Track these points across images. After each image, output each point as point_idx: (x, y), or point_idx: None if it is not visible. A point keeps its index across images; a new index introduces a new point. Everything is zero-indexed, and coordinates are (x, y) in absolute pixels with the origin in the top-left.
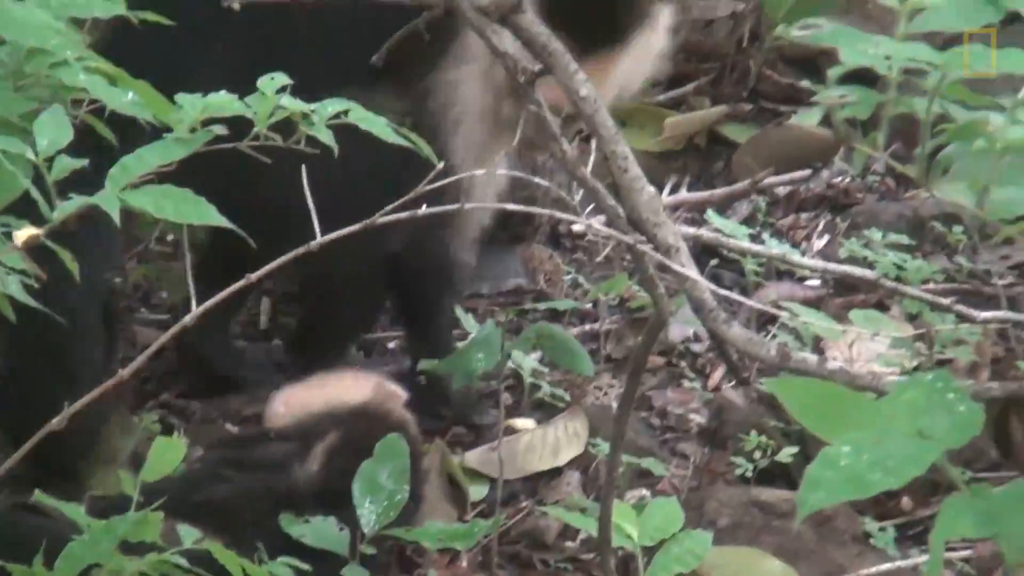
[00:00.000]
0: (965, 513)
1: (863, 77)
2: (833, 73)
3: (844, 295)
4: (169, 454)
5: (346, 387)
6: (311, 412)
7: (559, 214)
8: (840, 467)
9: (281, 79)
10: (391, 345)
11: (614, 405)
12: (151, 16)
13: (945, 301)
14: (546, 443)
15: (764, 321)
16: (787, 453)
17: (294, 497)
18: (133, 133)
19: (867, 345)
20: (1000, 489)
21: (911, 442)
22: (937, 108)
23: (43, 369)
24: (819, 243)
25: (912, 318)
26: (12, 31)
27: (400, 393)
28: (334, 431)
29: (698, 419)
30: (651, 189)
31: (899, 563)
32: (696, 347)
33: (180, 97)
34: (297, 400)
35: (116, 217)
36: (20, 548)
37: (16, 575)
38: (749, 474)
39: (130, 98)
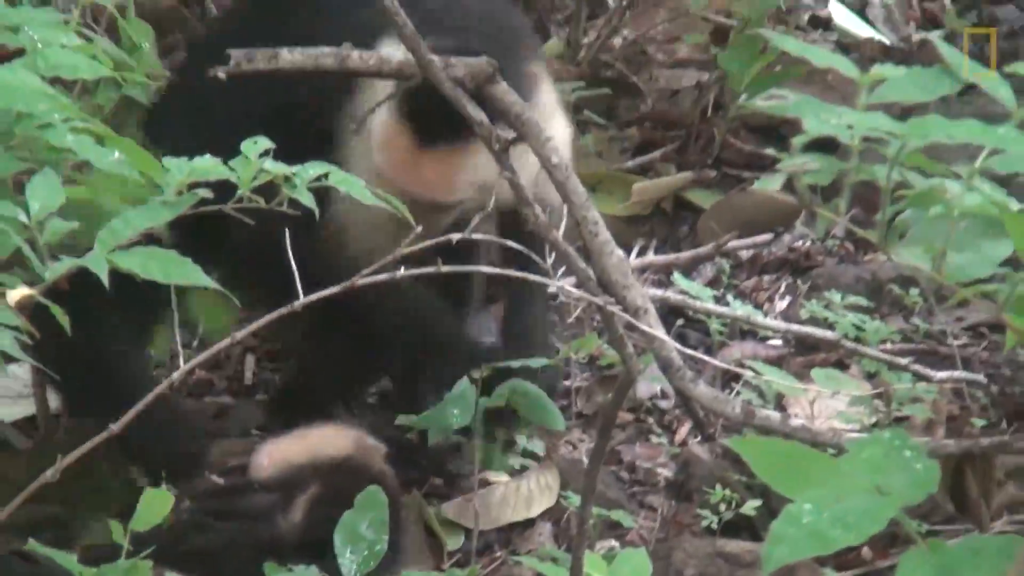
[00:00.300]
0: (923, 567)
1: (825, 145)
2: (797, 141)
3: (805, 354)
4: (157, 505)
5: (327, 440)
6: (294, 464)
7: (532, 277)
8: (803, 524)
9: (264, 143)
10: (370, 400)
11: (584, 459)
12: None
13: (902, 361)
14: (519, 495)
15: (728, 379)
16: (751, 506)
17: (277, 546)
18: None
19: (827, 402)
20: (955, 542)
21: (870, 498)
22: (896, 175)
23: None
24: (781, 304)
25: (871, 377)
26: (1, 96)
27: (379, 446)
28: (316, 483)
29: (665, 473)
30: (620, 253)
31: None
32: (663, 404)
33: (167, 161)
34: (280, 453)
35: (104, 278)
36: None
37: None
38: (714, 526)
39: (116, 157)
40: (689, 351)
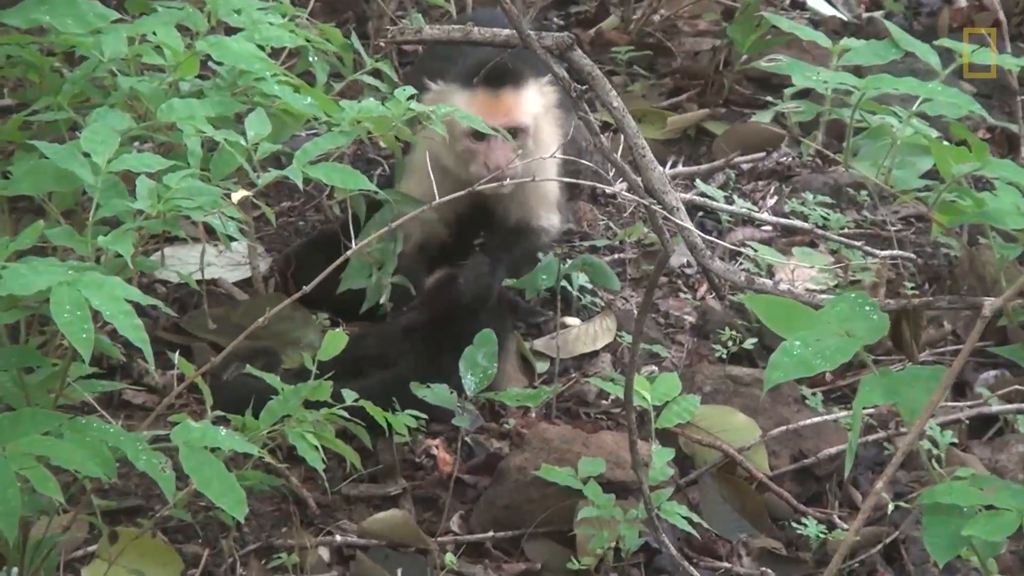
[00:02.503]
0: (876, 388)
1: (805, 91)
2: (788, 92)
3: (788, 237)
4: (336, 341)
5: None
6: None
7: (597, 184)
8: (793, 355)
9: (410, 90)
10: None
11: (634, 309)
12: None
13: (855, 242)
14: (588, 334)
15: (734, 254)
16: (750, 342)
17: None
18: None
19: (803, 271)
20: (897, 368)
21: (841, 339)
22: (857, 116)
23: None
24: (771, 202)
25: (833, 253)
26: (228, 58)
27: None
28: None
29: (690, 319)
30: (660, 168)
31: (825, 417)
32: (688, 271)
33: (343, 103)
34: None
35: (300, 184)
36: (241, 403)
37: (234, 423)
38: (724, 356)
39: (308, 102)
40: (706, 236)
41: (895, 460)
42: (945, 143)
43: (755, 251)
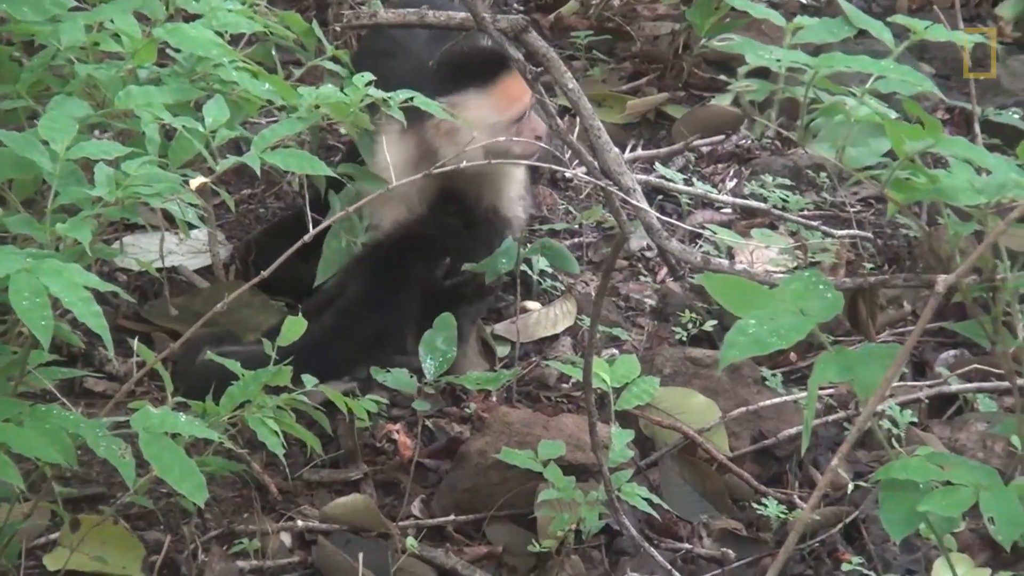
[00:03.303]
0: (831, 365)
1: (761, 73)
2: (741, 70)
3: (747, 219)
4: (295, 327)
5: None
6: None
7: (556, 167)
8: (748, 333)
9: (369, 76)
10: None
11: (593, 292)
12: None
13: (814, 223)
14: (548, 318)
15: (694, 237)
16: (709, 324)
17: None
18: None
19: (763, 252)
20: (852, 349)
21: (795, 318)
22: (811, 94)
23: None
24: (730, 184)
25: (793, 234)
26: (186, 45)
27: None
28: None
29: (650, 302)
30: (616, 150)
31: (785, 398)
32: (648, 254)
33: (301, 89)
34: None
35: (258, 170)
36: (202, 390)
37: (195, 408)
38: (684, 339)
39: (266, 88)
40: (665, 218)
41: (850, 437)
42: (901, 121)
43: (714, 232)
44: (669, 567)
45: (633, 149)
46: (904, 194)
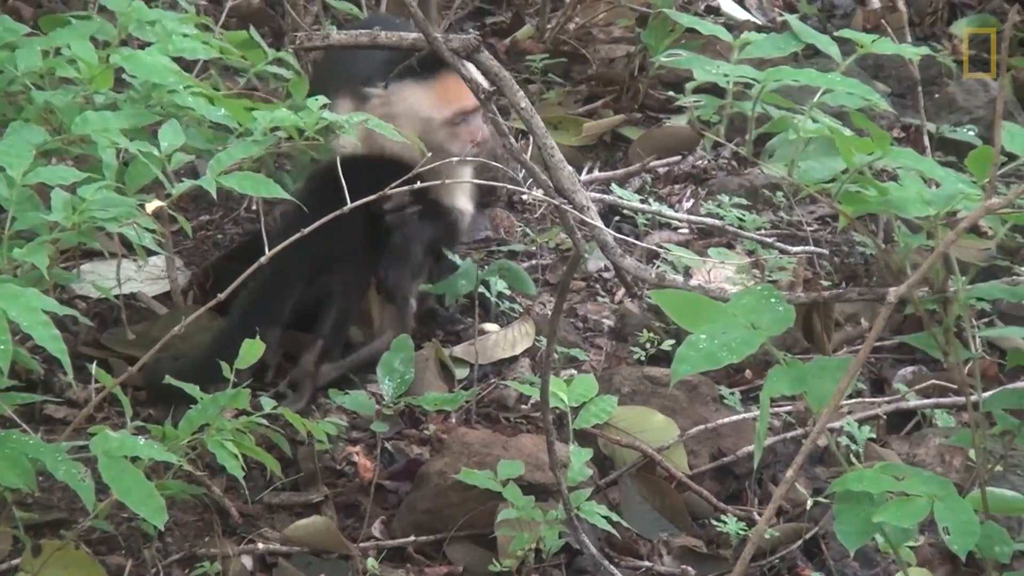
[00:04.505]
0: (784, 378)
1: (711, 90)
2: (689, 86)
3: (704, 239)
4: (253, 350)
5: None
6: None
7: (512, 187)
8: (700, 349)
9: (323, 99)
10: None
11: (550, 314)
12: None
13: (771, 241)
14: (506, 339)
15: (651, 257)
16: (667, 344)
17: None
18: None
19: (720, 271)
20: (806, 362)
21: (747, 332)
22: (759, 109)
23: None
24: (687, 204)
25: (750, 253)
26: (141, 72)
27: None
28: None
29: (608, 322)
30: (570, 168)
31: (743, 415)
32: (606, 275)
33: (256, 112)
34: None
35: (213, 193)
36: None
37: (154, 432)
38: (643, 358)
39: (222, 113)
40: (623, 237)
41: (805, 447)
42: (849, 134)
43: (671, 252)
44: None
45: (590, 171)
46: (854, 207)
